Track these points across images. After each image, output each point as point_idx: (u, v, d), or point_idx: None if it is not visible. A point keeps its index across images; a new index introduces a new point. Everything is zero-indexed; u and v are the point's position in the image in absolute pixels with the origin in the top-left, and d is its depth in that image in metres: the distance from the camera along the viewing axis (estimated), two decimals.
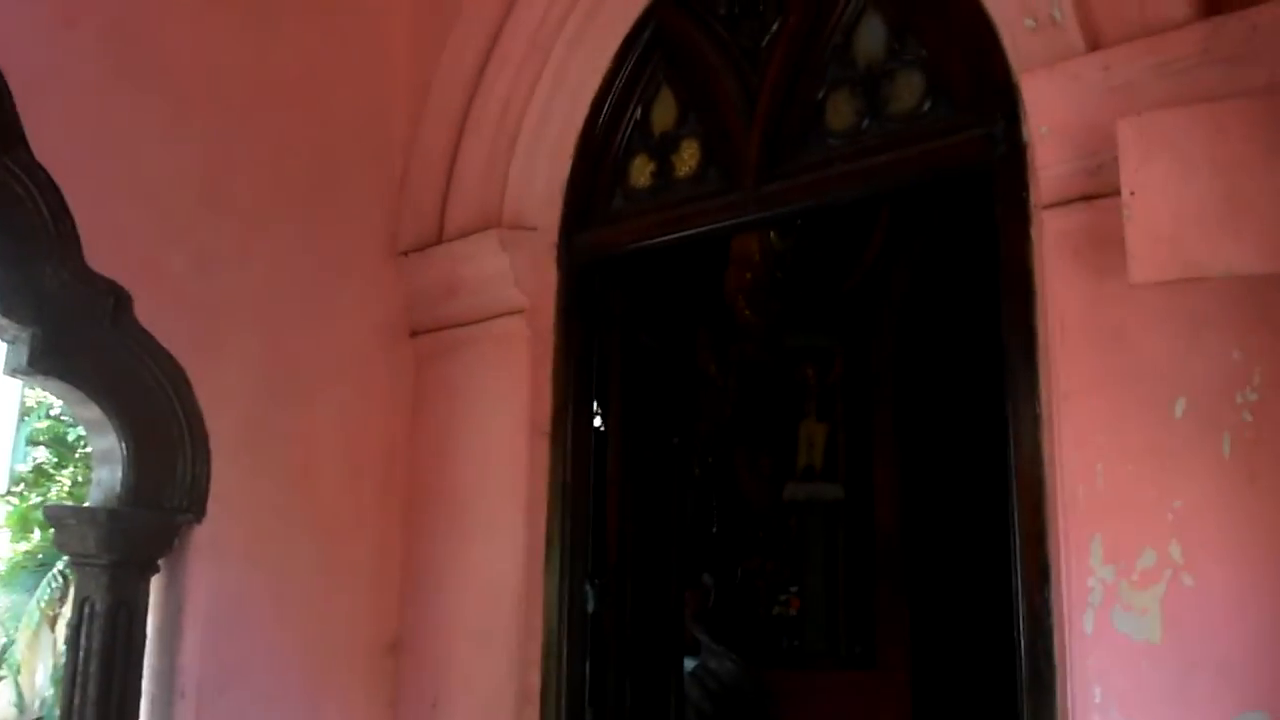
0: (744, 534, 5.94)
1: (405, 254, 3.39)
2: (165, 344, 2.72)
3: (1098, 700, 1.89)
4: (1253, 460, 1.79)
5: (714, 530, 6.27)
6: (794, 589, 5.34)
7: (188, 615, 2.73)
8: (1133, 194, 1.61)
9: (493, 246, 3.14)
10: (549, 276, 3.18)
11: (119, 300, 2.57)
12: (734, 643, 5.62)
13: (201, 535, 2.74)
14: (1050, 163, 2.08)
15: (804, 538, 5.19)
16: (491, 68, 3.24)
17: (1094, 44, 2.04)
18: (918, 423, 5.28)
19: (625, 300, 3.32)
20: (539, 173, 3.24)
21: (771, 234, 5.70)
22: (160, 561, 2.66)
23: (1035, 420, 2.13)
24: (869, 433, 5.20)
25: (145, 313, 2.67)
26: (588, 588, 3.08)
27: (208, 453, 2.75)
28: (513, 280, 3.14)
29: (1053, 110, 2.05)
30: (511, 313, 3.17)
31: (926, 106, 2.49)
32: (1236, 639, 1.77)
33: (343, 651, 3.17)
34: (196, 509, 2.71)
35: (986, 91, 2.34)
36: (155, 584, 2.65)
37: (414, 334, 3.45)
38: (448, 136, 3.32)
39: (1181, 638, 1.82)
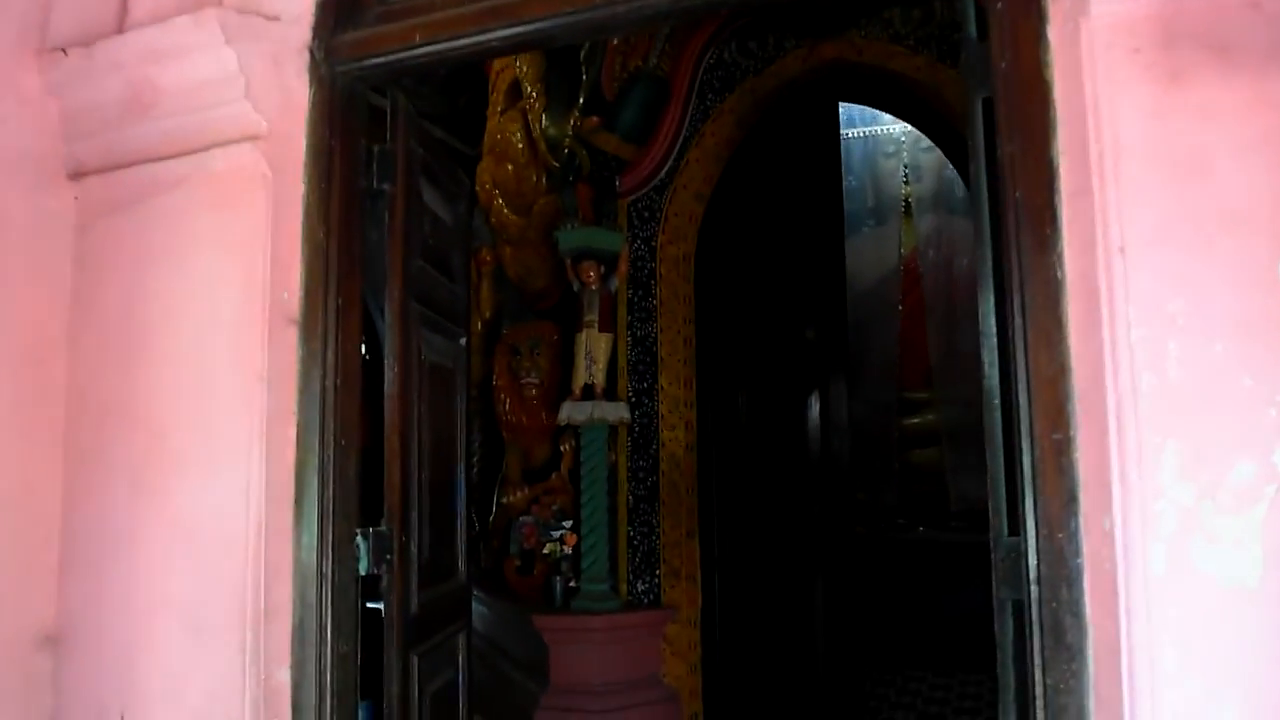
0: (504, 461, 5.15)
1: (62, 50, 2.21)
2: None
3: (1172, 666, 1.36)
4: None
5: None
6: (568, 524, 4.66)
7: None
8: None
9: (210, 38, 2.08)
10: (299, 90, 2.16)
11: None
12: (494, 585, 4.87)
13: None
14: None
15: (581, 466, 4.51)
16: None
17: None
18: (719, 334, 4.75)
19: (411, 134, 2.37)
20: None
21: (544, 116, 4.84)
22: None
23: (1056, 288, 1.54)
24: (659, 345, 4.60)
25: None
26: (358, 542, 2.17)
27: None
28: (243, 90, 2.11)
29: None
30: (241, 140, 2.14)
31: None
32: None
33: None
34: None
35: None
36: None
37: (76, 175, 2.30)
38: None
39: None
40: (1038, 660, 1.53)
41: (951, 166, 7.72)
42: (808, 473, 4.62)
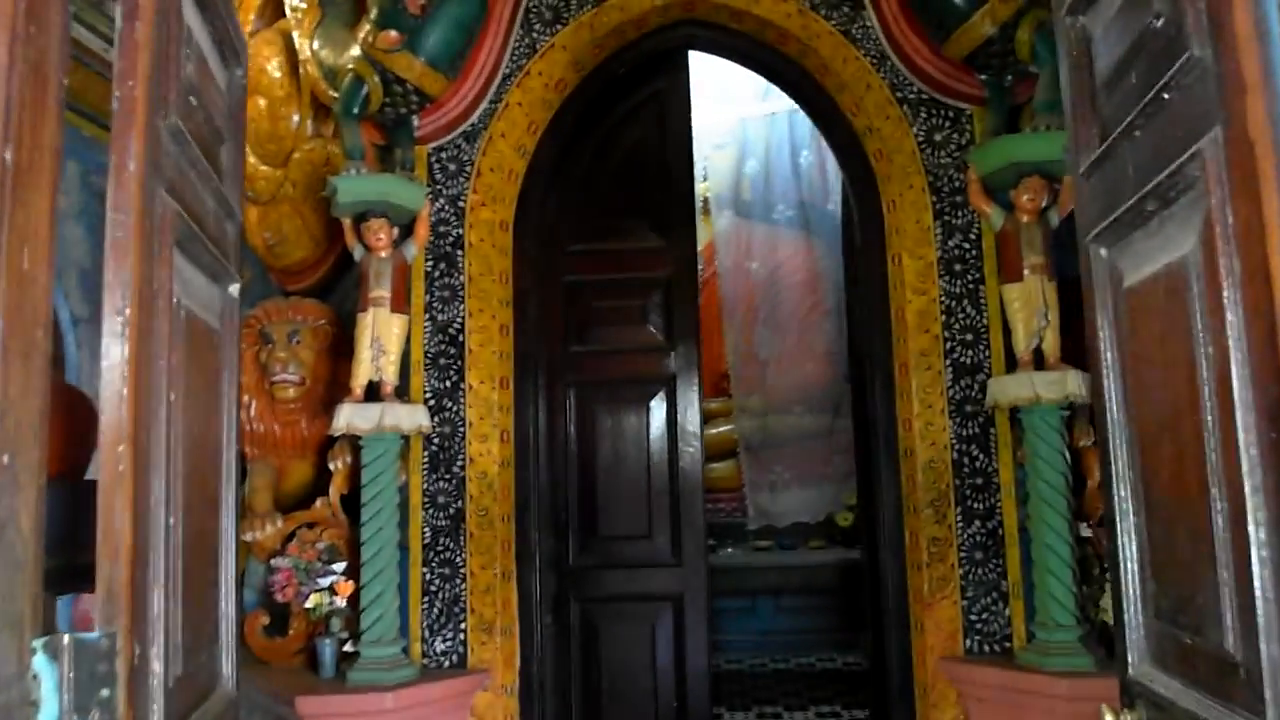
0: (246, 485, 3.86)
1: None
2: None
3: None
4: None
5: None
6: (340, 568, 3.50)
7: None
8: None
9: None
10: None
11: None
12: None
13: None
14: None
15: (363, 490, 3.38)
16: None
17: None
18: (542, 322, 3.80)
19: None
20: None
21: (315, 35, 3.68)
22: None
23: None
24: (466, 334, 3.57)
25: None
26: (37, 668, 1.06)
27: None
28: None
29: None
30: None
31: None
32: None
33: None
34: None
35: None
36: None
37: None
38: None
39: None
40: None
41: (751, 162, 7.32)
42: (651, 490, 3.80)
